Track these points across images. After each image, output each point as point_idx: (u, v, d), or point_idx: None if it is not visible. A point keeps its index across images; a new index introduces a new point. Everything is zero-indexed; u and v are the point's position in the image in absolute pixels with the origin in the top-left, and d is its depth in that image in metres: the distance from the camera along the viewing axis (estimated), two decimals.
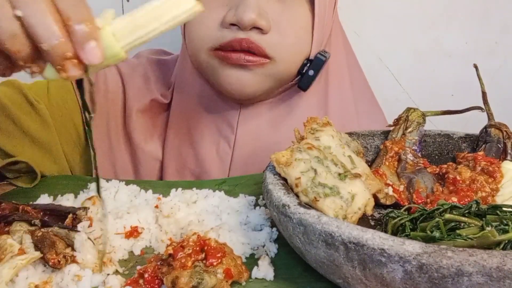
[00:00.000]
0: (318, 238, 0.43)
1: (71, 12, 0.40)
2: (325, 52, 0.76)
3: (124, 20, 0.43)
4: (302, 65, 0.76)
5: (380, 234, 0.40)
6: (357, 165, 0.57)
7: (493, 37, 1.16)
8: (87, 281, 0.48)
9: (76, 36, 0.40)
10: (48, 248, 0.48)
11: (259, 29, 0.70)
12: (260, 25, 0.69)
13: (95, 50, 0.40)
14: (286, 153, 0.55)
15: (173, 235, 0.57)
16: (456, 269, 0.37)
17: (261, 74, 0.73)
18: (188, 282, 0.44)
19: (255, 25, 0.69)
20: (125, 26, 0.43)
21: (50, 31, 0.39)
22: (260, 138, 0.80)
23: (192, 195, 0.65)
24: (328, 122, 0.62)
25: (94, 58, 0.41)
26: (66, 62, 0.40)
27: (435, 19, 1.14)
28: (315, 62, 0.75)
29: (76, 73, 0.41)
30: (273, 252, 0.54)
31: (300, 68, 0.76)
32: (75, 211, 0.56)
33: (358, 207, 0.51)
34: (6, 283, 0.45)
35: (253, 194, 0.66)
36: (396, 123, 0.70)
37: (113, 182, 0.69)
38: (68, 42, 0.40)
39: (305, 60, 0.76)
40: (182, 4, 0.44)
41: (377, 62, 1.16)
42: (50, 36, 0.39)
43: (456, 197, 0.56)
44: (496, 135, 0.66)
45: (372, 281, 0.41)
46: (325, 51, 0.76)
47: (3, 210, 0.56)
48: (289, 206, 0.47)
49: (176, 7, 0.44)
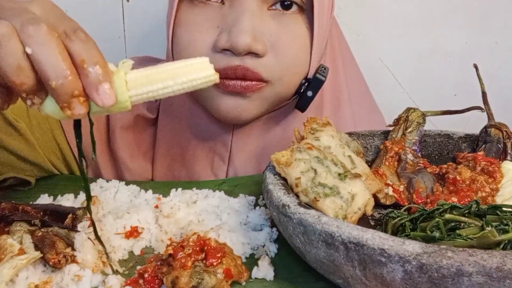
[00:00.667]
0: (318, 238, 0.43)
1: (86, 54, 0.40)
2: (323, 69, 0.71)
3: (140, 72, 0.43)
4: (300, 85, 0.71)
5: (380, 234, 0.40)
6: (357, 165, 0.57)
7: (493, 37, 1.16)
8: (87, 281, 0.48)
9: (90, 77, 0.40)
10: (48, 248, 0.48)
11: (255, 54, 0.65)
12: (256, 49, 0.64)
13: (109, 92, 0.40)
14: (286, 153, 0.55)
15: (173, 235, 0.57)
16: (456, 269, 0.37)
17: (258, 98, 0.69)
18: (188, 282, 0.44)
19: (250, 51, 0.64)
20: (139, 77, 0.43)
21: (59, 69, 0.39)
22: (255, 154, 0.78)
23: (192, 195, 0.65)
24: (328, 122, 0.62)
25: (107, 100, 0.40)
26: (73, 100, 0.40)
27: (435, 19, 1.14)
28: (314, 83, 0.71)
29: (82, 111, 0.40)
30: (273, 252, 0.54)
31: (298, 88, 0.71)
32: (75, 211, 0.56)
33: (358, 207, 0.51)
34: (6, 283, 0.45)
35: (253, 194, 0.66)
36: (396, 123, 0.70)
37: (113, 182, 0.69)
38: (76, 80, 0.40)
39: (303, 79, 0.71)
40: (201, 71, 0.45)
41: (377, 63, 1.16)
42: (58, 74, 0.39)
43: (456, 197, 0.56)
44: (496, 135, 0.66)
45: (372, 281, 0.41)
46: (323, 67, 0.72)
47: (3, 210, 0.56)
48: (289, 206, 0.47)
49: (194, 72, 0.44)
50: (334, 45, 0.83)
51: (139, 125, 0.81)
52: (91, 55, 0.40)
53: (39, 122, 0.73)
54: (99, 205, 0.61)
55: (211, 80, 0.45)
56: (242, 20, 0.63)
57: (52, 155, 0.75)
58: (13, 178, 0.72)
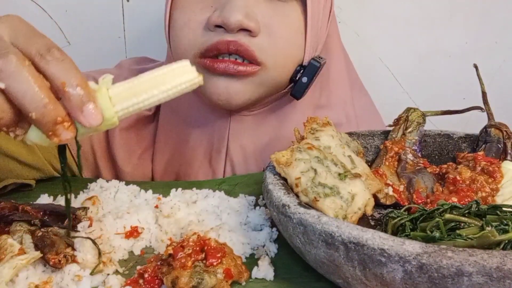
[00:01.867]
0: (318, 238, 0.43)
1: (64, 76, 0.39)
2: (320, 58, 0.71)
3: (122, 85, 0.43)
4: (295, 72, 0.71)
5: (380, 234, 0.40)
6: (357, 165, 0.57)
7: (493, 37, 1.16)
8: (87, 281, 0.48)
9: (73, 100, 0.39)
10: (48, 248, 0.48)
11: (248, 31, 0.65)
12: (248, 26, 0.64)
13: (95, 112, 0.40)
14: (286, 153, 0.55)
15: (173, 235, 0.57)
16: (456, 269, 0.37)
17: (252, 82, 0.68)
18: (188, 282, 0.44)
19: (242, 27, 0.64)
20: (122, 91, 0.42)
21: (37, 99, 0.38)
22: (253, 148, 0.77)
23: (192, 195, 0.65)
24: (328, 122, 0.62)
25: (94, 120, 0.40)
26: (57, 127, 0.39)
27: (435, 19, 1.14)
28: (309, 68, 0.70)
29: (68, 136, 0.40)
30: (273, 252, 0.54)
31: (293, 75, 0.71)
32: (75, 211, 0.56)
33: (358, 207, 0.51)
34: (6, 283, 0.45)
35: (253, 194, 0.66)
36: (396, 123, 0.70)
37: (113, 182, 0.69)
38: (57, 107, 0.39)
39: (298, 66, 0.71)
40: (184, 75, 0.44)
41: (377, 63, 1.16)
42: (37, 104, 0.38)
43: (456, 197, 0.56)
44: (496, 135, 0.66)
45: (372, 281, 0.41)
46: (320, 57, 0.72)
47: (3, 210, 0.56)
48: (289, 206, 0.47)
49: (177, 77, 0.44)
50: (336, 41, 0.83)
51: (139, 125, 0.81)
52: (70, 76, 0.39)
53: None
54: (99, 205, 0.61)
55: (195, 83, 0.45)
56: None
57: (52, 158, 0.75)
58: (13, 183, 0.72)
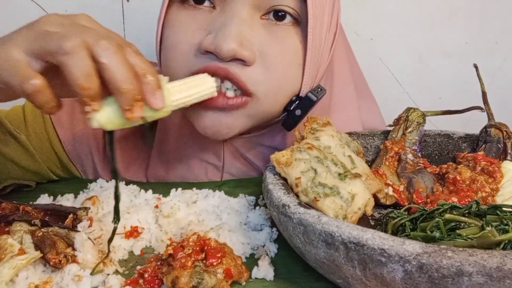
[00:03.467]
0: (318, 238, 0.43)
1: (144, 65, 0.48)
2: (318, 90, 0.66)
3: (171, 83, 0.52)
4: (290, 101, 0.66)
5: (380, 234, 0.40)
6: (357, 165, 0.57)
7: (493, 37, 1.16)
8: (87, 281, 0.48)
9: (150, 84, 0.48)
10: (48, 248, 0.48)
11: (241, 61, 0.60)
12: (242, 56, 0.59)
13: (162, 97, 0.49)
14: (286, 153, 0.55)
15: (173, 235, 0.57)
16: (456, 269, 0.37)
17: (242, 115, 0.64)
18: (188, 282, 0.44)
19: (236, 57, 0.59)
20: (175, 87, 0.52)
21: (128, 76, 0.46)
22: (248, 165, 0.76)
23: (192, 195, 0.65)
24: (328, 122, 0.62)
25: (161, 104, 0.48)
26: (135, 104, 0.47)
27: (435, 19, 1.14)
28: (305, 101, 0.65)
29: (140, 115, 0.48)
30: (273, 252, 0.54)
31: (288, 104, 0.66)
32: (75, 211, 0.56)
33: (358, 207, 0.51)
34: (6, 283, 0.45)
35: (253, 194, 0.66)
36: (396, 123, 0.70)
37: (113, 182, 0.69)
38: (139, 86, 0.47)
39: (294, 96, 0.66)
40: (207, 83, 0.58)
41: (377, 62, 1.16)
42: (127, 80, 0.46)
43: (456, 197, 0.56)
44: (496, 135, 0.66)
45: (372, 281, 0.41)
46: (319, 88, 0.66)
47: (3, 210, 0.56)
48: (289, 206, 0.47)
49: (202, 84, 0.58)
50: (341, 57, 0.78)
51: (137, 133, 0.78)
52: (147, 66, 0.48)
53: (36, 131, 0.73)
54: (99, 205, 0.61)
55: (211, 92, 0.58)
56: (230, 25, 0.59)
57: (51, 164, 0.75)
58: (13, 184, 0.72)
